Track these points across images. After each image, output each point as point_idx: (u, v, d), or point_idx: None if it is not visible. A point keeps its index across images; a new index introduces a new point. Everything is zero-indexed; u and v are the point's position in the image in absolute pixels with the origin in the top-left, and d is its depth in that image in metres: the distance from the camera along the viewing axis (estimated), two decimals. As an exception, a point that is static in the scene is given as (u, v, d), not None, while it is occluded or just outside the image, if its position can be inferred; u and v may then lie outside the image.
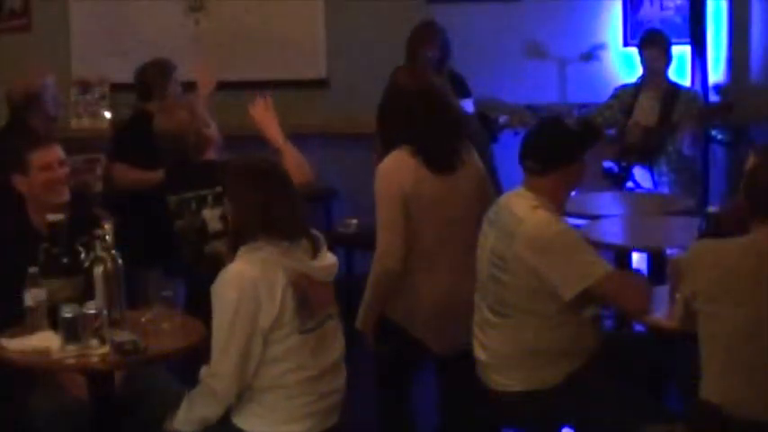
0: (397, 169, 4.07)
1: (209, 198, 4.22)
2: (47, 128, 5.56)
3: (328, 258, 3.47)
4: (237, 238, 3.41)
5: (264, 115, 4.53)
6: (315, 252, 3.43)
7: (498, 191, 4.42)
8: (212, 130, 4.49)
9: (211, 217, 4.20)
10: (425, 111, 4.11)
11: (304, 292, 3.34)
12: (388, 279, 4.05)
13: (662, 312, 3.56)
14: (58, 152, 4.06)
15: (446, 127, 4.13)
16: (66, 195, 4.00)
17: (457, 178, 4.10)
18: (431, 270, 4.08)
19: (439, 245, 4.08)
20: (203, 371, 3.41)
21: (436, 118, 4.10)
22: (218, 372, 3.34)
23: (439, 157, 4.08)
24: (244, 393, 3.37)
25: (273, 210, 3.35)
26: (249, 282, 3.28)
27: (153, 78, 5.77)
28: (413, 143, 4.08)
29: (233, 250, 3.40)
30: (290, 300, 3.31)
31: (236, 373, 3.31)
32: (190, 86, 5.87)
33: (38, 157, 3.99)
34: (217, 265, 3.53)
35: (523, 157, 3.72)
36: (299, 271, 3.34)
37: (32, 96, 5.52)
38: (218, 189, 3.98)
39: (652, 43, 6.31)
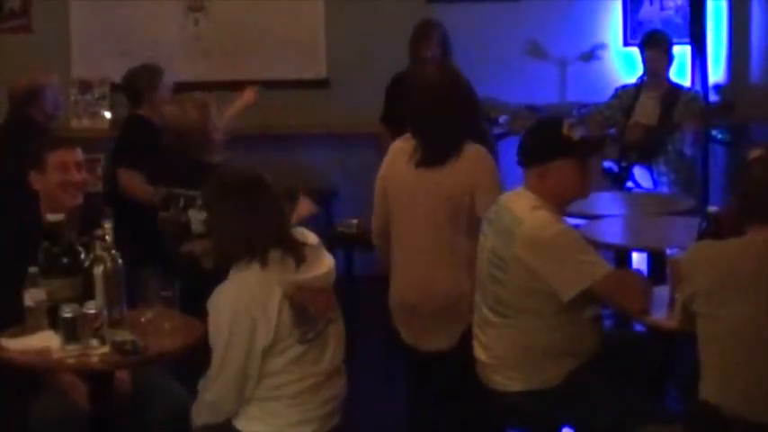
0: (389, 152, 4.28)
1: (198, 201, 4.21)
2: (45, 126, 5.56)
3: (323, 265, 3.42)
4: (223, 253, 3.38)
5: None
6: (300, 261, 3.34)
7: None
8: (220, 135, 4.48)
9: (196, 218, 4.17)
10: (430, 105, 4.14)
11: (301, 304, 3.31)
12: (376, 248, 4.36)
13: (662, 312, 3.56)
14: (77, 155, 4.02)
15: (442, 125, 4.12)
16: (78, 199, 3.97)
17: (438, 175, 4.10)
18: (400, 264, 4.19)
19: (407, 238, 4.16)
20: (201, 384, 3.41)
21: (435, 114, 4.11)
22: (215, 390, 3.35)
23: (422, 151, 4.12)
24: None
25: (258, 222, 3.31)
26: (243, 303, 3.26)
27: (141, 84, 5.76)
28: (411, 131, 4.19)
29: (222, 267, 3.38)
30: (286, 314, 3.28)
31: (234, 390, 3.32)
32: (188, 87, 5.87)
33: (56, 157, 3.96)
34: (192, 265, 3.53)
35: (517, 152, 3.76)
36: (293, 283, 3.30)
37: (33, 93, 5.52)
38: None
39: (653, 44, 6.31)
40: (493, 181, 4.14)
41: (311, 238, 3.46)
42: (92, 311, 3.37)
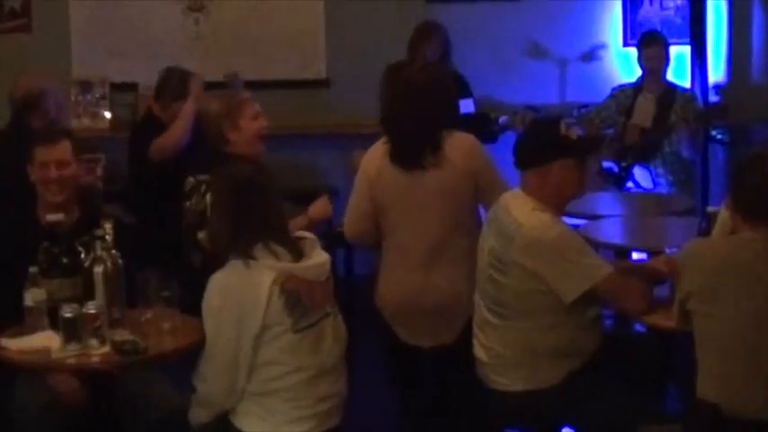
0: (370, 154, 4.24)
1: None
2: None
3: (316, 257, 3.45)
4: (214, 248, 3.47)
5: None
6: (299, 256, 3.40)
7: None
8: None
9: None
10: (403, 105, 4.13)
11: (294, 291, 3.34)
12: (353, 242, 4.41)
13: (662, 313, 3.56)
14: (59, 152, 3.99)
15: (416, 125, 4.10)
16: (58, 197, 3.93)
17: (423, 178, 4.08)
18: (396, 263, 4.16)
19: (403, 239, 4.14)
20: (194, 377, 3.44)
21: (409, 114, 4.10)
22: (206, 377, 3.38)
23: (400, 153, 4.11)
24: (242, 396, 3.38)
25: (249, 217, 3.36)
26: (232, 288, 3.32)
27: (173, 88, 5.65)
28: (386, 134, 4.19)
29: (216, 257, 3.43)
30: (277, 299, 3.31)
31: (224, 380, 3.34)
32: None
33: (39, 154, 3.97)
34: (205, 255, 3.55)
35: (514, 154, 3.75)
36: (285, 271, 3.34)
37: (32, 100, 5.49)
38: None
39: (650, 44, 6.31)
40: (491, 166, 4.13)
41: (307, 234, 3.53)
42: (92, 311, 3.37)
